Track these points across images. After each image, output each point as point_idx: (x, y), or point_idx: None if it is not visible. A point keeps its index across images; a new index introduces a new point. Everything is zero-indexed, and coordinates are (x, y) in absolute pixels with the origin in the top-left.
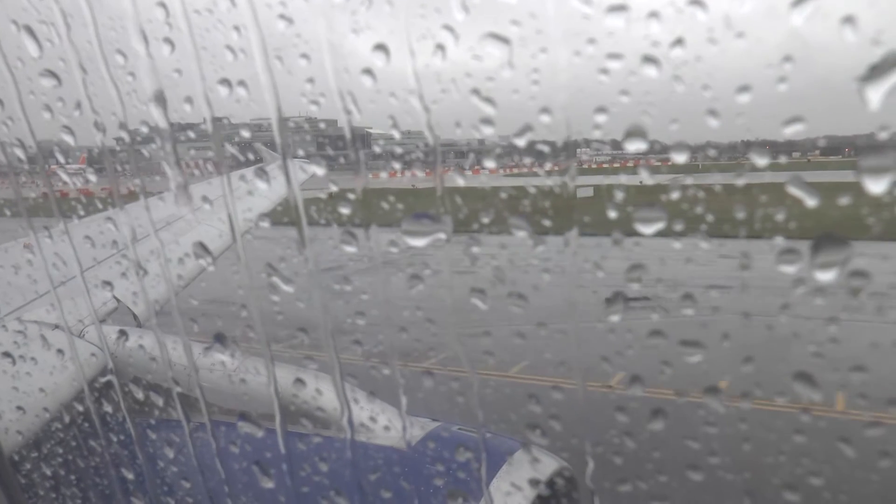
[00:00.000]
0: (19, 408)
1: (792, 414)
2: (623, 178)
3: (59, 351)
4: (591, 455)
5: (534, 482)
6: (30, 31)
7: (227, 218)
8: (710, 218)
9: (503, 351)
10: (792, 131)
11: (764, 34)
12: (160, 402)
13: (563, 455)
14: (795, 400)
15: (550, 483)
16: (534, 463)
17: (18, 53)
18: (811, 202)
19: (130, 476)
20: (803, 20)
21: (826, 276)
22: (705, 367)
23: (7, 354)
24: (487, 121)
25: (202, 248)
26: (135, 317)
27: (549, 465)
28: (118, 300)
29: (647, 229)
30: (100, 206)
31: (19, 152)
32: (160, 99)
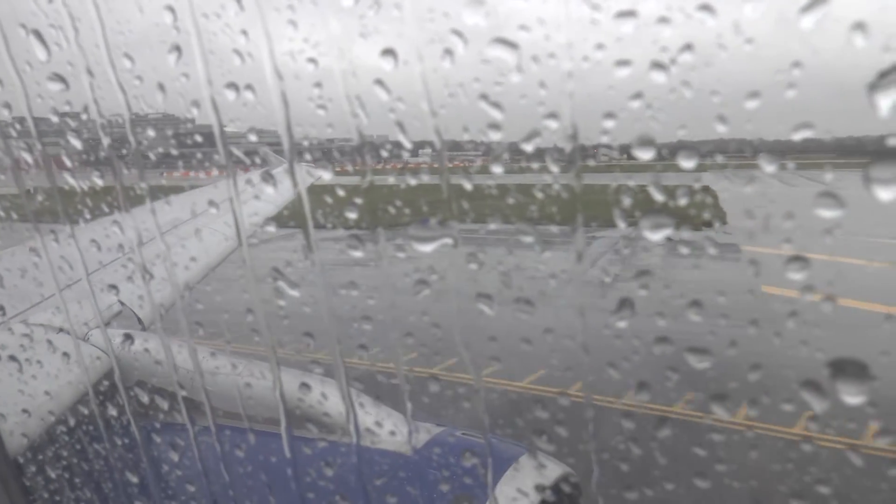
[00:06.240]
0: (24, 411)
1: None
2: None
3: (65, 354)
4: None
5: (539, 488)
6: (38, 35)
7: (233, 222)
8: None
9: None
10: (800, 137)
11: (773, 39)
12: (165, 405)
13: None
14: None
15: (555, 489)
16: (538, 468)
17: (27, 57)
18: None
19: (135, 480)
20: (813, 25)
21: (855, 400)
22: None
23: (12, 358)
24: (495, 125)
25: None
26: (139, 320)
27: (553, 471)
28: (122, 304)
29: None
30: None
31: (26, 155)
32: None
